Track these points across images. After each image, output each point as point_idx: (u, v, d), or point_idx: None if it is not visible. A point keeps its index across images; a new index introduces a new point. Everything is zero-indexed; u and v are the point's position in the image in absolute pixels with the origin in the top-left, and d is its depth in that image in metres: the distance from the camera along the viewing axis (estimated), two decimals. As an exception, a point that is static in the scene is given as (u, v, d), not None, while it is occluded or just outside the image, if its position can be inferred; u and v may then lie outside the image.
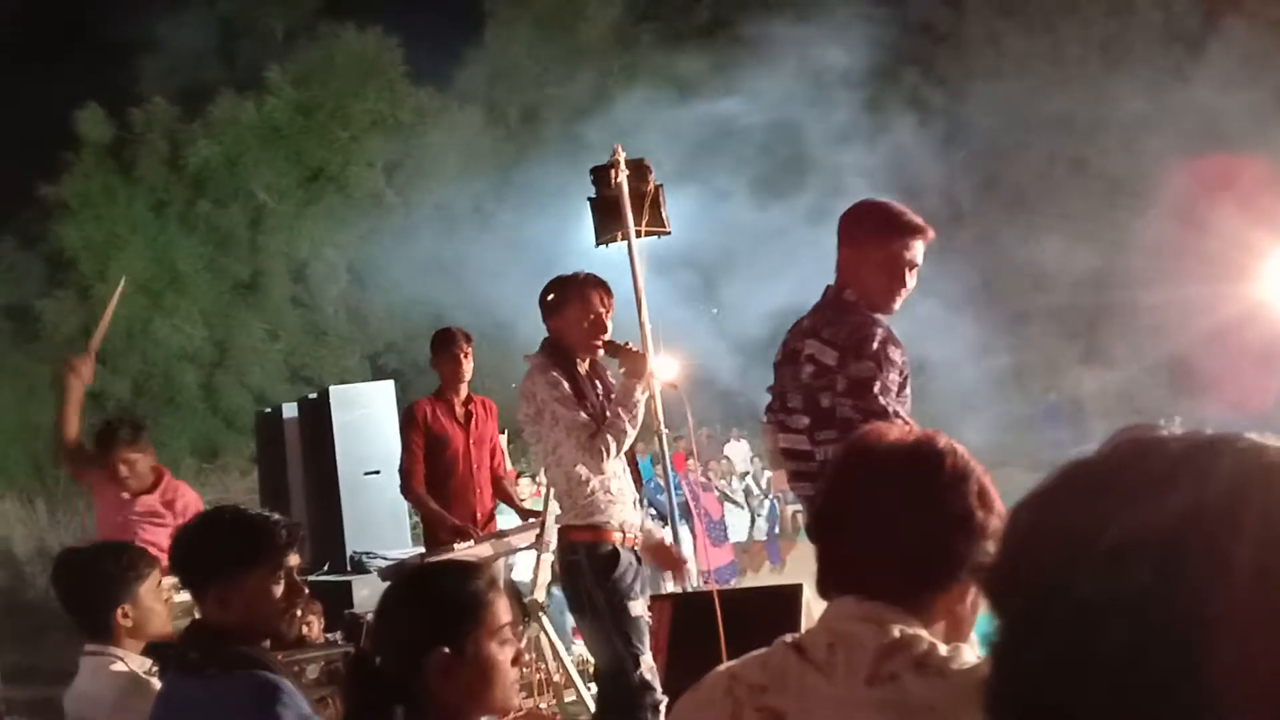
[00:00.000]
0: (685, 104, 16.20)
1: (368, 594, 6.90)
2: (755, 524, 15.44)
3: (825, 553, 1.67)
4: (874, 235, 3.69)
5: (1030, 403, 17.55)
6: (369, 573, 7.13)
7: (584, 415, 4.32)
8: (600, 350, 4.46)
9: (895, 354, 3.54)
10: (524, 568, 7.67)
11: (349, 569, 7.70)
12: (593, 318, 4.41)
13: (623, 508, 4.39)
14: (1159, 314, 14.21)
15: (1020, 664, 0.77)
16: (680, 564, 4.76)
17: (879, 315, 3.66)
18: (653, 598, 4.82)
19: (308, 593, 2.92)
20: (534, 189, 15.66)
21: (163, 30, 17.91)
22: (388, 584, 2.32)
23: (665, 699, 4.19)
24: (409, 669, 2.07)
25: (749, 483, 15.64)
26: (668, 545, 4.83)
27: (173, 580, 3.17)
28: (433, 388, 6.35)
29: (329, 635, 5.50)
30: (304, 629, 5.16)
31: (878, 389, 3.46)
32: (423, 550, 6.27)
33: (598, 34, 18.13)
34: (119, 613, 3.14)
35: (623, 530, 4.36)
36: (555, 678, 5.99)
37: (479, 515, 6.13)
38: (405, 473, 6.10)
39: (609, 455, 4.29)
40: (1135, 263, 14.79)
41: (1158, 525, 0.72)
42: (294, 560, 2.65)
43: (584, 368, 4.47)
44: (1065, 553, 0.75)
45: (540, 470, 6.31)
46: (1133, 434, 0.82)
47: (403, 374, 15.05)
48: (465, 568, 2.32)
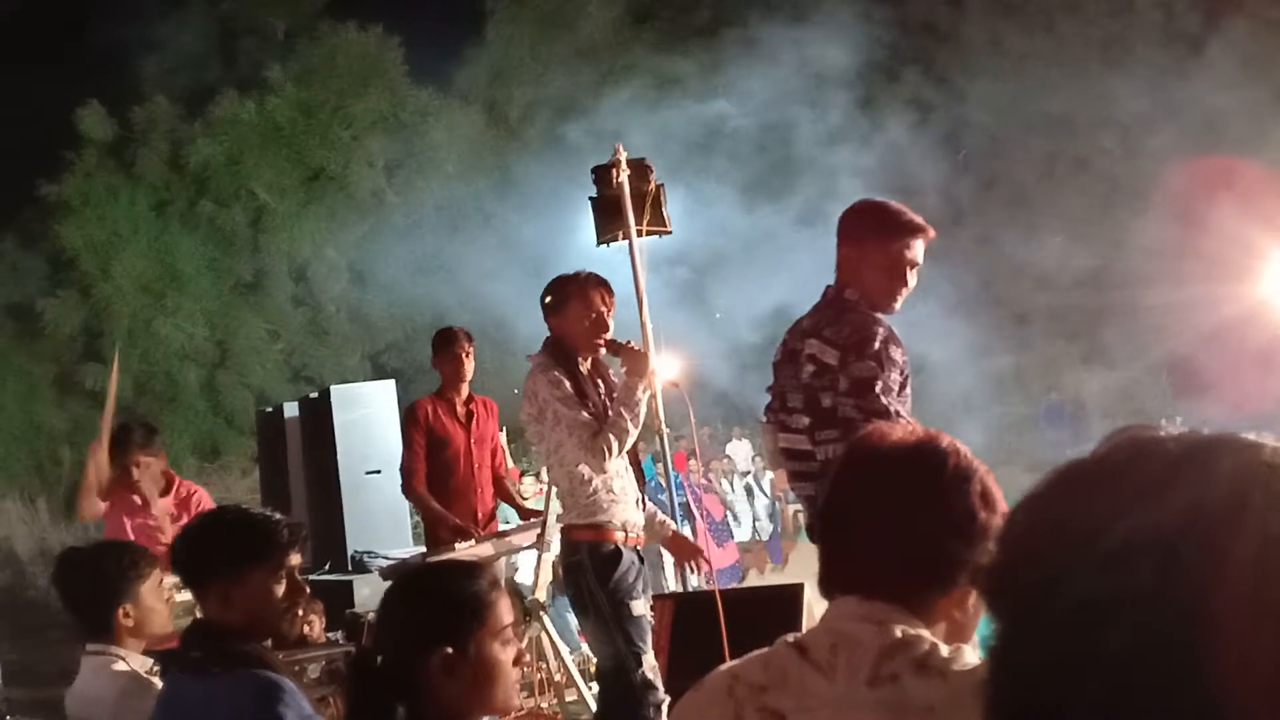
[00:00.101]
0: (686, 103, 16.18)
1: (369, 593, 6.91)
2: (757, 524, 15.44)
3: (828, 552, 1.67)
4: (874, 234, 3.68)
5: (1031, 403, 17.55)
6: (370, 572, 7.14)
7: (586, 415, 4.31)
8: (602, 349, 4.46)
9: (896, 354, 3.54)
10: (527, 569, 7.67)
11: (350, 568, 7.71)
12: (594, 317, 4.40)
13: (625, 507, 4.38)
14: (1160, 314, 14.20)
15: (1019, 664, 0.77)
16: (698, 552, 4.75)
17: (880, 315, 3.67)
18: (654, 597, 4.82)
19: (309, 592, 2.92)
20: (535, 188, 15.65)
21: (164, 30, 17.92)
22: (389, 583, 2.32)
23: (667, 698, 4.19)
24: (411, 668, 2.08)
25: (749, 482, 15.64)
26: (683, 535, 4.82)
27: (174, 579, 3.17)
28: (434, 387, 6.35)
29: (330, 634, 5.50)
30: (305, 628, 5.16)
31: (879, 388, 3.46)
32: (423, 550, 6.27)
33: (599, 33, 18.11)
34: (120, 612, 3.14)
35: (625, 530, 4.36)
36: (556, 677, 5.99)
37: (480, 515, 6.14)
38: (406, 472, 6.09)
39: (611, 455, 4.28)
40: (1136, 262, 14.77)
41: (1159, 525, 0.73)
42: (296, 560, 2.65)
43: (586, 367, 4.47)
44: (1065, 553, 0.75)
45: (543, 469, 6.31)
46: (1129, 435, 0.82)
47: (404, 373, 15.05)
48: (468, 568, 2.33)
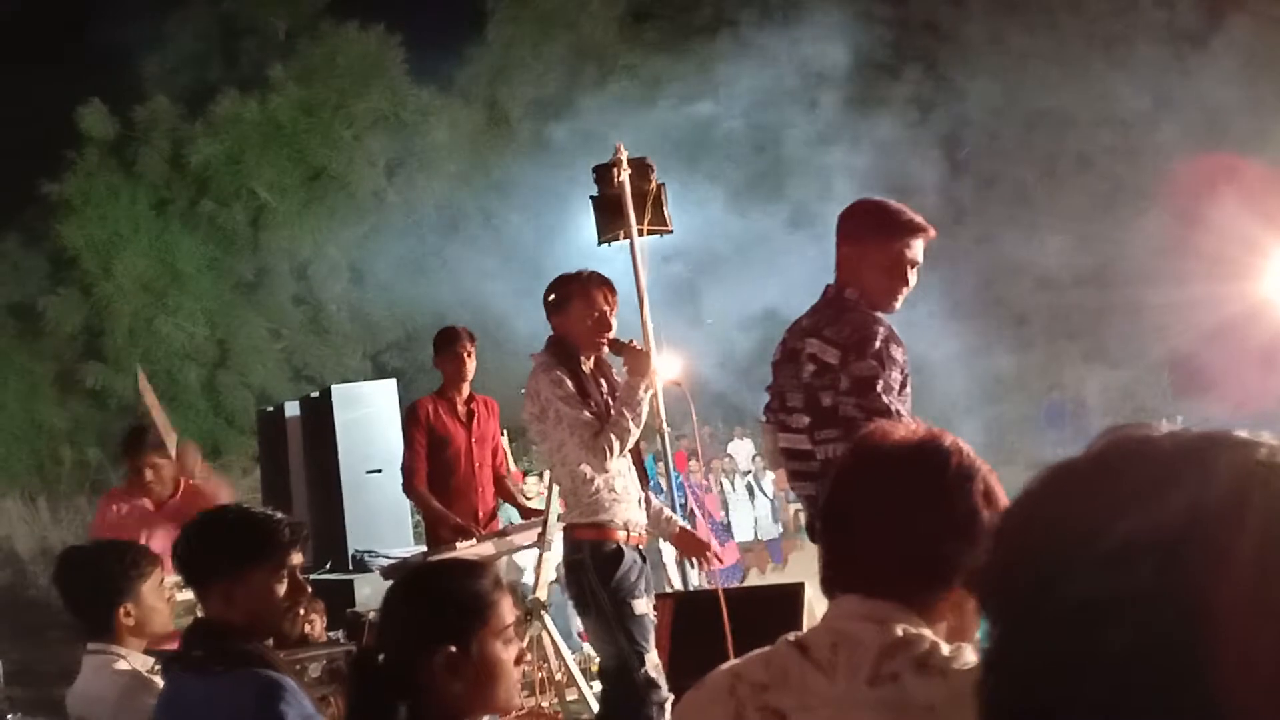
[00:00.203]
0: (687, 102, 16.18)
1: (369, 592, 6.91)
2: (758, 523, 15.44)
3: (829, 551, 1.67)
4: (875, 234, 3.68)
5: (1032, 402, 17.54)
6: (371, 571, 7.14)
7: (587, 414, 4.31)
8: (605, 348, 4.46)
9: (897, 353, 3.54)
10: (532, 570, 7.67)
11: (351, 567, 7.71)
12: (597, 316, 4.40)
13: (627, 506, 4.38)
14: (1161, 312, 14.19)
15: (1015, 664, 0.76)
16: (705, 548, 4.73)
17: (880, 314, 3.66)
18: (655, 596, 4.82)
19: (310, 591, 2.92)
20: (536, 188, 15.65)
21: (165, 29, 17.92)
22: (390, 582, 2.32)
23: (671, 696, 4.18)
24: (414, 667, 2.08)
25: (750, 481, 15.63)
26: (690, 531, 4.81)
27: (175, 578, 3.17)
28: (435, 386, 6.34)
29: (331, 634, 5.50)
30: (306, 627, 5.16)
31: (880, 387, 3.45)
32: (424, 549, 6.28)
33: (600, 32, 18.11)
34: (121, 611, 3.14)
35: (627, 529, 4.36)
36: (557, 676, 5.99)
37: (481, 514, 6.14)
38: (407, 471, 6.09)
39: (612, 454, 4.28)
40: (1138, 261, 14.76)
41: (1160, 524, 0.72)
42: (297, 559, 2.65)
43: (588, 366, 4.47)
44: (1063, 552, 0.75)
45: (546, 469, 6.31)
46: (1121, 433, 0.81)
47: (405, 373, 15.05)
48: (471, 567, 2.33)
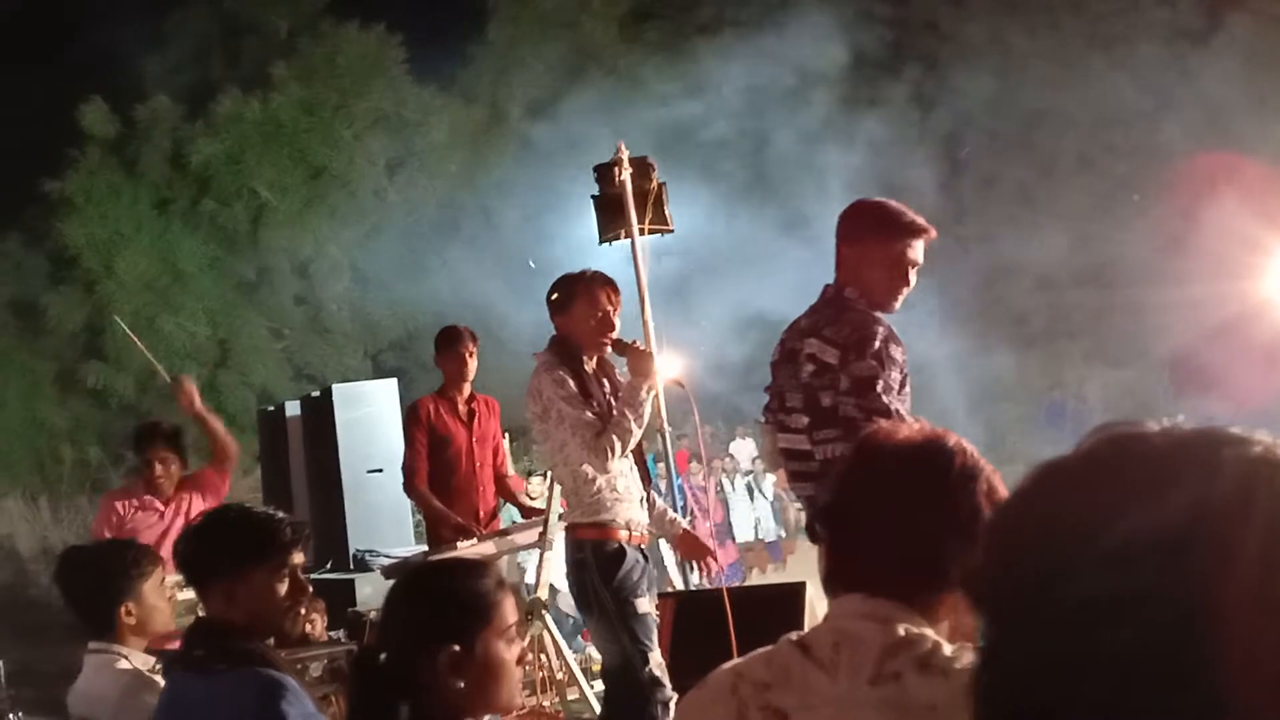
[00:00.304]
0: (689, 101, 16.18)
1: (370, 592, 6.91)
2: (758, 524, 15.45)
3: (832, 550, 1.67)
4: (876, 234, 3.68)
5: (1033, 402, 17.54)
6: (372, 570, 7.14)
7: (589, 414, 4.31)
8: (608, 348, 4.46)
9: (896, 353, 3.54)
10: (533, 569, 7.67)
11: (352, 567, 7.71)
12: (600, 315, 4.39)
13: (629, 506, 4.38)
14: (1162, 312, 14.19)
15: (1015, 663, 0.76)
16: (707, 551, 4.73)
17: (879, 313, 3.66)
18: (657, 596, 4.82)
19: (311, 591, 2.92)
20: (537, 187, 15.65)
21: (166, 28, 17.93)
22: (393, 581, 2.32)
23: (675, 695, 4.18)
24: (416, 667, 2.08)
25: (750, 482, 15.64)
26: (693, 534, 4.80)
27: (176, 577, 3.17)
28: (435, 386, 6.34)
29: (332, 633, 5.50)
30: (307, 627, 5.16)
31: (880, 387, 3.45)
32: (425, 548, 6.28)
33: (601, 32, 18.11)
34: (122, 610, 3.14)
35: (629, 528, 4.36)
36: (559, 676, 5.99)
37: (481, 513, 6.14)
38: (408, 470, 6.09)
39: (614, 454, 4.28)
40: (1139, 260, 14.76)
41: (1162, 523, 0.72)
42: (299, 558, 2.65)
43: (591, 366, 4.46)
44: (1064, 551, 0.74)
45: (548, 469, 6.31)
46: (1114, 431, 0.81)
47: (405, 372, 15.04)
48: (475, 566, 2.33)
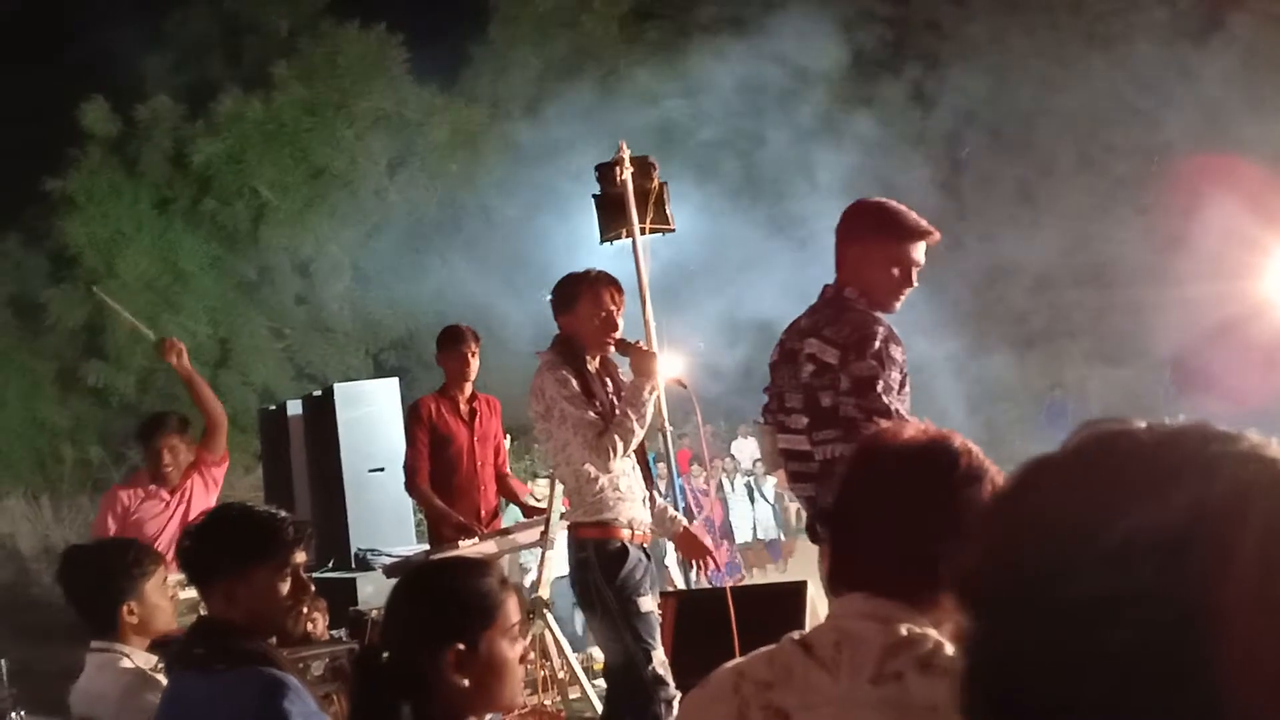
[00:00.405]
0: (690, 100, 16.18)
1: (372, 591, 6.91)
2: (757, 524, 15.44)
3: (836, 549, 1.67)
4: (879, 234, 3.67)
5: (1034, 401, 17.53)
6: (373, 570, 7.14)
7: (592, 414, 4.32)
8: (611, 348, 4.47)
9: (897, 353, 3.54)
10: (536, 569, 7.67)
11: (353, 566, 7.71)
12: (604, 315, 4.40)
13: (631, 505, 4.39)
14: (1163, 311, 14.18)
15: (1007, 661, 0.76)
16: (707, 551, 4.74)
17: (880, 313, 3.66)
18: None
19: (313, 590, 2.92)
20: (538, 186, 15.64)
21: (166, 28, 17.94)
22: (397, 580, 2.33)
23: (679, 694, 4.18)
24: (421, 666, 2.09)
25: (750, 481, 15.63)
26: (693, 532, 4.81)
27: (178, 577, 3.18)
28: (437, 385, 6.34)
29: (333, 632, 5.50)
30: (309, 626, 5.16)
31: (880, 388, 3.45)
32: (427, 547, 6.28)
33: (602, 31, 18.10)
34: (125, 609, 3.14)
35: (631, 527, 4.36)
36: (560, 675, 6.00)
37: (483, 512, 6.14)
38: (410, 469, 6.09)
39: (616, 454, 4.29)
40: (1140, 259, 14.76)
41: (1162, 523, 0.72)
42: (301, 557, 2.65)
43: (594, 365, 4.46)
44: (1062, 551, 0.74)
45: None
46: (1102, 429, 0.80)
47: (407, 371, 15.05)
48: (478, 566, 2.34)
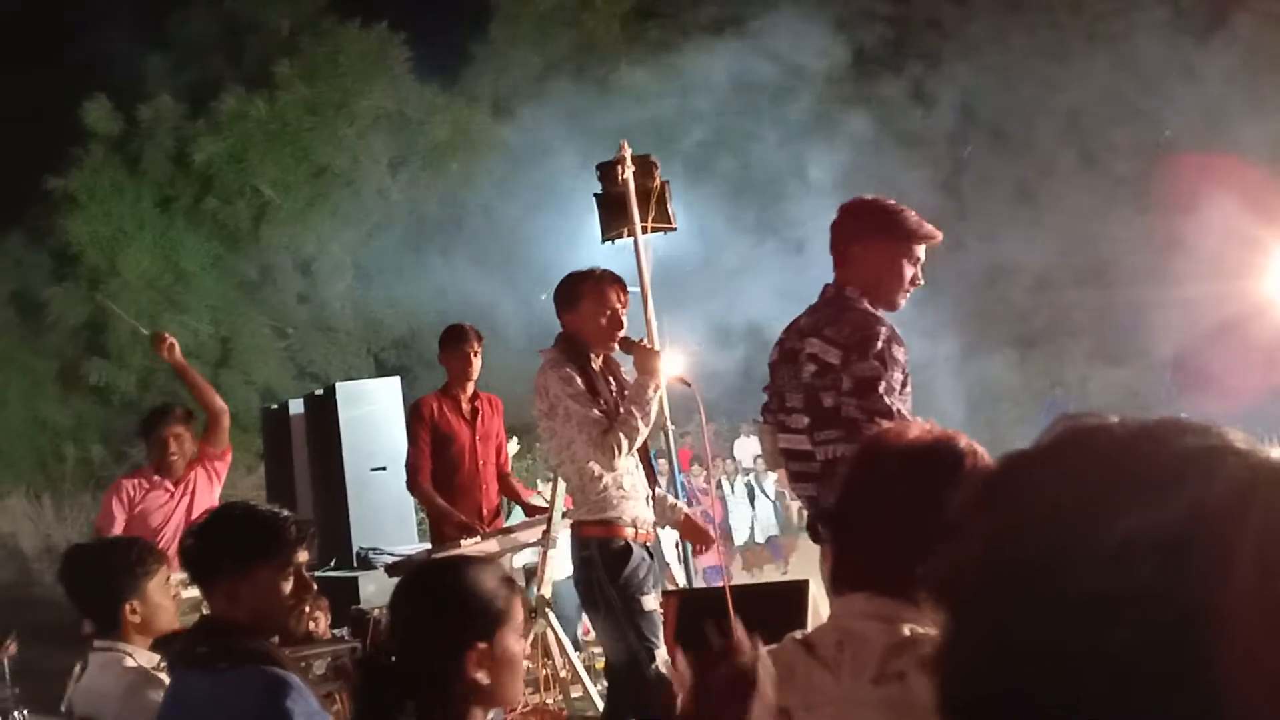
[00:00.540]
0: (692, 98, 16.17)
1: (374, 590, 6.91)
2: (755, 524, 15.44)
3: (839, 548, 1.67)
4: (881, 234, 3.66)
5: (1034, 401, 17.51)
6: (375, 568, 7.14)
7: (597, 412, 4.32)
8: (615, 346, 4.47)
9: (899, 353, 3.53)
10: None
11: (355, 565, 7.71)
12: (609, 314, 4.40)
13: (635, 503, 4.39)
14: (1164, 310, 14.17)
15: (1000, 662, 0.75)
16: (708, 535, 4.75)
17: (883, 312, 3.65)
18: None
19: (315, 589, 2.93)
20: (540, 185, 15.64)
21: (168, 27, 17.94)
22: (404, 582, 2.36)
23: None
24: (439, 665, 2.13)
25: (750, 480, 15.62)
26: (694, 518, 4.82)
27: (180, 576, 3.18)
28: (439, 384, 6.34)
29: (335, 631, 5.50)
30: (311, 625, 5.16)
31: (883, 389, 3.44)
32: (429, 546, 6.28)
33: (603, 30, 18.10)
34: (127, 608, 3.14)
35: (635, 526, 4.37)
36: (562, 674, 6.00)
37: (485, 511, 6.14)
38: (411, 468, 6.09)
39: (620, 452, 4.29)
40: (1140, 259, 14.75)
41: (1163, 521, 0.72)
42: (303, 556, 2.66)
43: (597, 364, 4.47)
44: (1060, 548, 0.73)
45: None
46: (1076, 424, 0.80)
47: (408, 370, 15.05)
48: (486, 564, 2.38)
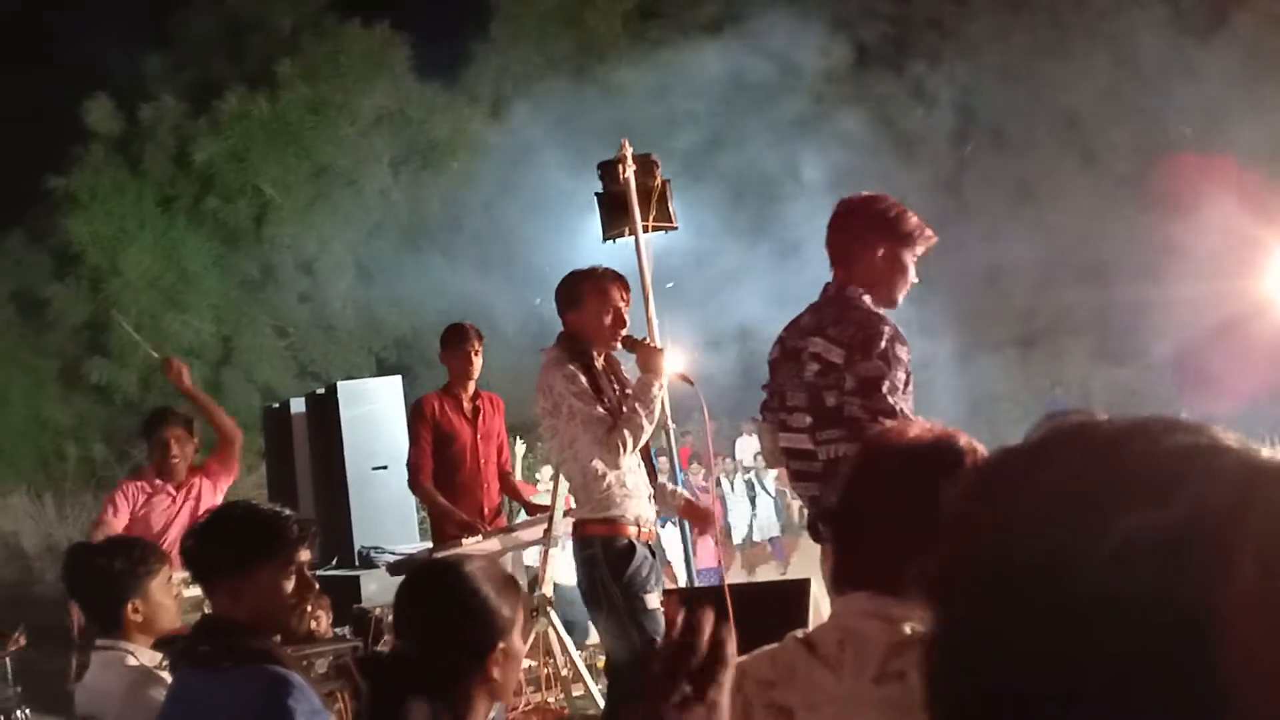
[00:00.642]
0: (693, 98, 16.17)
1: (376, 588, 6.91)
2: (754, 523, 15.42)
3: (840, 548, 1.67)
4: (880, 232, 3.66)
5: (1035, 400, 17.51)
6: (377, 567, 7.14)
7: (600, 410, 4.32)
8: (618, 345, 4.47)
9: (902, 352, 3.52)
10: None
11: (357, 564, 7.71)
12: (612, 312, 4.41)
13: (638, 502, 4.39)
14: (1165, 310, 14.18)
15: (996, 659, 0.75)
16: (710, 516, 4.75)
17: (885, 310, 3.65)
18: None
19: (317, 588, 2.93)
20: (541, 185, 15.64)
21: (169, 26, 17.94)
22: (415, 586, 2.43)
23: (685, 692, 4.18)
24: (457, 665, 2.21)
25: (751, 479, 15.60)
26: (695, 502, 4.82)
27: (182, 575, 3.18)
28: (440, 383, 6.35)
29: (337, 630, 5.50)
30: (312, 623, 5.16)
31: (886, 388, 3.43)
32: (430, 545, 6.28)
33: (605, 29, 18.09)
34: (129, 607, 3.15)
35: (638, 524, 4.37)
36: (563, 673, 6.00)
37: (486, 510, 6.14)
38: (413, 467, 6.10)
39: (625, 450, 4.29)
40: (1141, 258, 14.75)
41: (1163, 522, 0.72)
42: (305, 556, 2.66)
43: (600, 362, 4.47)
44: (1060, 547, 0.73)
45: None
46: (1066, 421, 0.79)
47: (410, 369, 15.05)
48: (493, 564, 2.46)
